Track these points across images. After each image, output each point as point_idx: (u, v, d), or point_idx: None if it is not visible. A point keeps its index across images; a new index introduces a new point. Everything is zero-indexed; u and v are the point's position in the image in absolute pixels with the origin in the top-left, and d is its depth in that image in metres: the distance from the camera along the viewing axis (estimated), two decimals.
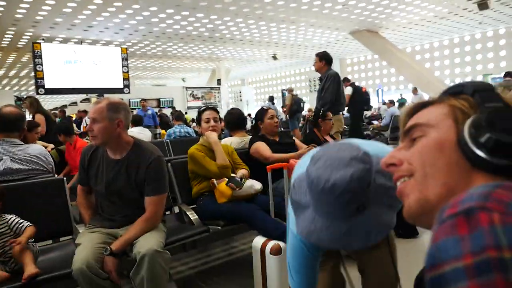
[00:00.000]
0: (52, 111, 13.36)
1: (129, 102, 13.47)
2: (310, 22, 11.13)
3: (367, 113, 13.30)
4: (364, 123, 11.89)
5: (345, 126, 5.55)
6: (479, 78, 16.91)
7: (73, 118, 12.68)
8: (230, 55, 15.97)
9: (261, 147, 2.97)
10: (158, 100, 16.01)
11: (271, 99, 12.62)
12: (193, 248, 2.46)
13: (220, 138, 2.98)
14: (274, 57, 16.16)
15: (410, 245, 3.02)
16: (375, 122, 11.80)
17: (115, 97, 1.95)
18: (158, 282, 1.75)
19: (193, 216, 2.53)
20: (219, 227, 2.42)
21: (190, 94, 17.27)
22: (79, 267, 1.66)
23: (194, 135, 5.53)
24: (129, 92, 11.99)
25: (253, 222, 2.32)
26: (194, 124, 8.57)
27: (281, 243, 2.13)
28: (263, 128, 3.15)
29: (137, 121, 5.94)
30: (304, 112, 11.39)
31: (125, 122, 1.97)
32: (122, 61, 11.64)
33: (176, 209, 2.77)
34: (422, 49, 17.05)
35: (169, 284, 1.98)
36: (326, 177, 0.91)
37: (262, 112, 3.16)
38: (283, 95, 18.24)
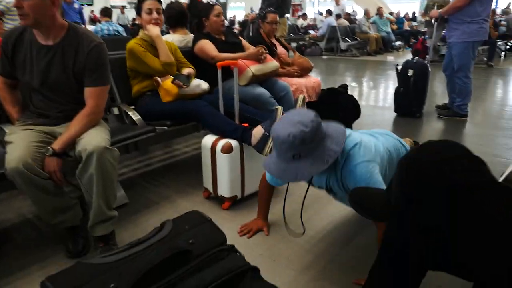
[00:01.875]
0: None
1: None
2: None
3: (304, 23, 13.14)
4: (300, 33, 11.79)
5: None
6: None
7: None
8: None
9: (207, 46, 2.77)
10: None
11: None
12: (135, 150, 2.35)
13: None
14: None
15: None
16: (311, 32, 11.73)
17: None
18: (109, 178, 1.65)
19: (135, 116, 2.37)
20: (165, 127, 2.31)
21: None
22: (14, 166, 1.48)
23: (125, 34, 5.02)
24: None
25: (203, 119, 2.24)
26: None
27: (232, 141, 2.11)
28: (208, 26, 2.91)
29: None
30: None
31: (58, 2, 1.65)
32: None
33: (116, 110, 2.57)
34: None
35: None
36: (275, 130, 1.35)
37: (207, 8, 2.89)
38: None
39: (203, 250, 0.79)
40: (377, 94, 5.57)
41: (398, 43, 11.59)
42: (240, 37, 3.15)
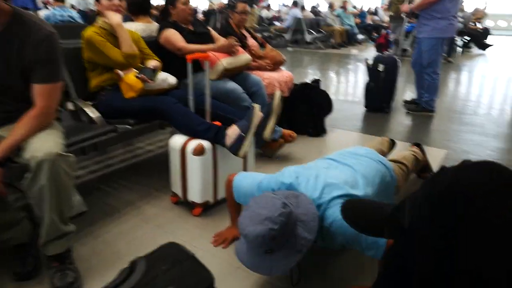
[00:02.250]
0: None
1: None
2: None
3: (268, 14, 12.98)
4: (265, 24, 11.63)
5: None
6: None
7: None
8: None
9: (174, 36, 2.55)
10: None
11: None
12: (94, 151, 2.11)
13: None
14: None
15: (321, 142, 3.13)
16: (276, 23, 11.60)
17: None
18: (64, 190, 1.42)
19: (94, 113, 2.13)
20: (128, 126, 2.09)
21: None
22: None
23: (81, 21, 4.63)
24: None
25: (172, 118, 2.03)
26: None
27: (205, 142, 1.93)
28: (175, 15, 2.68)
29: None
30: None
31: None
32: None
33: (70, 106, 2.30)
34: None
35: None
36: (243, 226, 1.24)
37: None
38: None
39: None
40: (346, 88, 5.53)
41: (361, 36, 11.73)
42: (209, 28, 2.94)
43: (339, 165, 1.62)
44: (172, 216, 2.00)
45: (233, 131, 1.91)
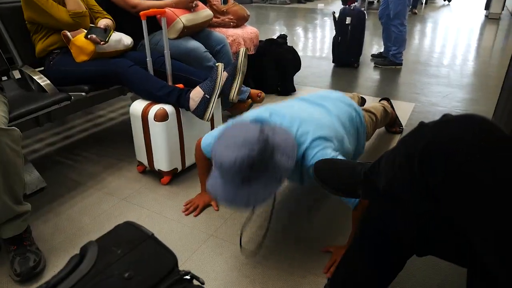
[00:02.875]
0: None
1: None
2: None
3: None
4: None
5: None
6: None
7: None
8: None
9: None
10: None
11: None
12: (48, 122, 1.95)
13: None
14: None
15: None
16: None
17: None
18: (12, 167, 1.29)
19: (43, 81, 1.94)
20: (83, 93, 1.92)
21: None
22: None
23: None
24: None
25: (129, 82, 1.88)
26: None
27: (167, 107, 1.81)
28: None
29: None
30: None
31: None
32: None
33: (17, 74, 2.10)
34: None
35: (25, 167, 1.53)
36: (218, 154, 1.12)
37: None
38: None
39: (147, 286, 0.55)
40: (313, 44, 5.41)
41: None
42: None
43: (313, 105, 1.56)
44: (139, 187, 1.91)
45: (196, 94, 1.80)
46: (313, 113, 1.45)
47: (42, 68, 2.06)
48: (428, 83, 3.48)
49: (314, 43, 5.52)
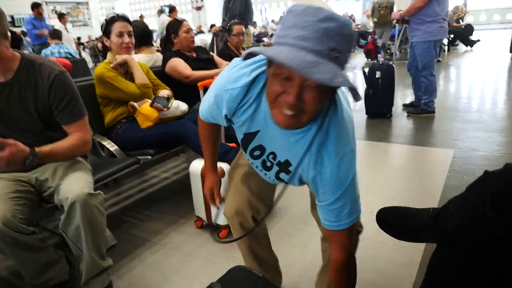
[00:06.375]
0: None
1: None
2: None
3: (255, 31, 13.20)
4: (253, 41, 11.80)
5: None
6: None
7: None
8: None
9: (180, 64, 2.62)
10: (12, 17, 13.20)
11: (171, 9, 10.08)
12: (115, 183, 2.15)
13: None
14: None
15: None
16: (265, 39, 11.79)
17: None
18: (99, 226, 1.46)
19: (113, 147, 2.17)
20: (149, 157, 2.13)
21: (52, 10, 14.62)
22: None
23: (78, 56, 4.71)
24: None
25: (191, 141, 2.07)
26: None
27: (223, 165, 1.97)
28: (177, 43, 2.76)
29: None
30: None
31: (2, 31, 1.43)
32: None
33: None
34: None
35: None
36: (299, 20, 0.78)
37: (176, 25, 2.74)
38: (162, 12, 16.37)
39: None
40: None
41: None
42: (211, 52, 3.03)
43: None
44: (200, 241, 2.03)
45: None
46: None
47: (110, 136, 2.31)
48: (464, 128, 3.54)
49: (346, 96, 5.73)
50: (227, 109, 1.04)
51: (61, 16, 7.44)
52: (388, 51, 8.75)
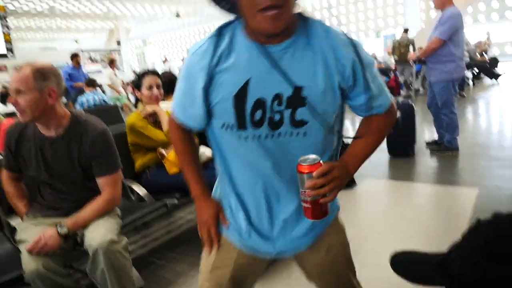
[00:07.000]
0: None
1: None
2: None
3: None
4: None
5: None
6: (372, 35, 18.27)
7: None
8: (129, 13, 14.67)
9: None
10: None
11: None
12: (143, 226, 2.26)
13: None
14: (177, 15, 15.31)
15: (353, 193, 3.20)
16: None
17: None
18: (123, 270, 1.57)
19: (142, 191, 2.31)
20: (175, 200, 2.25)
21: (88, 57, 15.63)
22: (34, 269, 1.39)
23: (111, 103, 5.03)
24: (14, 57, 10.34)
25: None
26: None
27: None
28: None
29: None
30: None
31: (58, 91, 1.64)
32: (1, 20, 9.90)
33: None
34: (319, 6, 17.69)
35: None
36: None
37: None
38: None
39: None
40: None
41: None
42: None
43: None
44: None
45: None
46: None
47: (139, 180, 2.45)
48: (489, 166, 3.50)
49: None
50: (202, 71, 0.90)
51: (111, 62, 8.20)
52: (410, 86, 8.78)
